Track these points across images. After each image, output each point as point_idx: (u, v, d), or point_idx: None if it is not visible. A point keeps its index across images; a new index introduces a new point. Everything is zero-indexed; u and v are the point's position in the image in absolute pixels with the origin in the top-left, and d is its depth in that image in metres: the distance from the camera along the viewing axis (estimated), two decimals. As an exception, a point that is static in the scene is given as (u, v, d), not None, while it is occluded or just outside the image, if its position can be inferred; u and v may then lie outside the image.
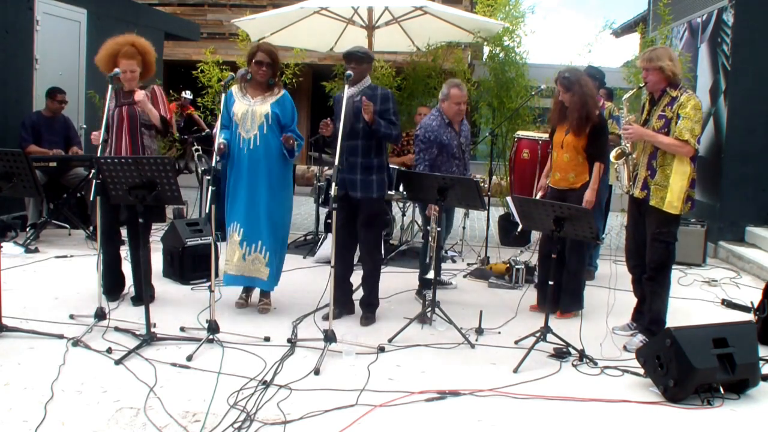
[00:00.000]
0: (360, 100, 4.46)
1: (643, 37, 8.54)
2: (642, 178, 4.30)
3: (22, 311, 4.51)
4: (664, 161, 4.21)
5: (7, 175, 3.98)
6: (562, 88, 4.73)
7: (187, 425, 3.05)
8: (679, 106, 4.13)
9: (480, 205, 4.50)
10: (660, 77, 4.20)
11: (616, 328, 4.63)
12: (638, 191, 4.32)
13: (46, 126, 7.11)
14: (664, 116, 4.20)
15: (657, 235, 4.23)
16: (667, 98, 4.22)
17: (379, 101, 4.54)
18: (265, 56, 4.50)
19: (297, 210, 10.14)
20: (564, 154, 4.81)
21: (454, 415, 3.29)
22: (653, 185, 4.23)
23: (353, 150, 4.55)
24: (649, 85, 4.28)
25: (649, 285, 4.35)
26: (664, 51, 4.26)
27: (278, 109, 4.53)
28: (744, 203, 7.57)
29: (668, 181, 4.18)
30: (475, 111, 8.80)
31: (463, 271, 6.40)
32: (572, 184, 4.82)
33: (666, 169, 4.20)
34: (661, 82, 4.22)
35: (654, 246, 4.26)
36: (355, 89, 4.53)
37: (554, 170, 4.92)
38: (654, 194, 4.22)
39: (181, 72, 10.78)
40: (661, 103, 4.25)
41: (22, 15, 7.60)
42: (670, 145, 4.14)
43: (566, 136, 4.78)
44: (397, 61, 9.05)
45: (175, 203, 4.10)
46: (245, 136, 4.53)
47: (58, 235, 7.08)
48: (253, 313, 4.75)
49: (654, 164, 4.24)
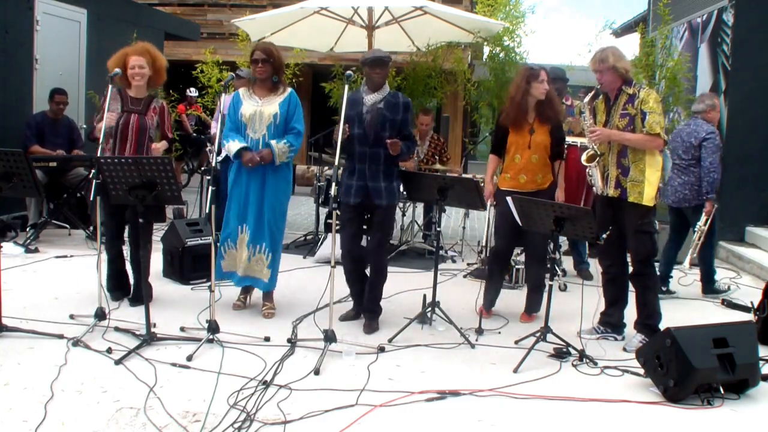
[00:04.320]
0: (384, 107, 4.42)
1: (643, 37, 8.53)
2: (614, 177, 4.33)
3: (22, 311, 4.51)
4: (636, 157, 4.25)
5: (7, 175, 3.97)
6: (549, 79, 4.68)
7: (187, 425, 3.05)
8: (640, 102, 4.19)
9: (480, 205, 4.50)
10: (614, 77, 4.24)
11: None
12: (612, 190, 4.34)
13: (50, 127, 7.12)
14: (627, 114, 4.24)
15: (641, 226, 4.27)
16: (625, 96, 4.27)
17: (401, 110, 4.48)
18: (261, 53, 4.49)
19: (297, 210, 10.15)
20: (533, 155, 4.69)
21: (454, 415, 3.29)
22: (629, 182, 4.26)
23: (376, 158, 4.44)
24: (604, 85, 4.30)
25: (638, 280, 4.37)
26: (612, 51, 4.27)
27: (285, 108, 4.53)
28: (744, 203, 7.58)
29: (643, 175, 4.23)
30: (475, 111, 8.80)
31: (463, 271, 6.41)
32: (540, 185, 4.76)
33: (639, 164, 4.24)
34: (616, 82, 4.26)
35: (639, 238, 4.28)
36: (378, 95, 4.44)
37: (517, 173, 4.73)
38: (631, 190, 4.25)
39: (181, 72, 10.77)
40: (619, 102, 4.28)
41: (22, 15, 7.60)
42: (641, 141, 4.19)
43: (533, 136, 4.68)
44: (397, 61, 9.02)
45: (175, 203, 4.10)
46: (253, 137, 4.51)
47: (58, 235, 7.08)
48: (253, 313, 4.75)
49: (624, 162, 4.28)
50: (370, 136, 4.39)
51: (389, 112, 4.43)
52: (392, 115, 4.43)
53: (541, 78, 4.59)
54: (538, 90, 4.61)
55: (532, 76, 4.60)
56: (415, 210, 7.40)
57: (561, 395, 3.56)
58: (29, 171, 3.98)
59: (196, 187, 8.24)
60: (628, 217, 4.29)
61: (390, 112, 4.43)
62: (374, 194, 4.45)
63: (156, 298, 4.90)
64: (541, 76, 4.60)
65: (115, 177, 3.91)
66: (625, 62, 4.27)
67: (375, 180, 4.46)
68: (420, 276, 6.05)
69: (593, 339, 4.48)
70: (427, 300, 4.66)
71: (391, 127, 4.44)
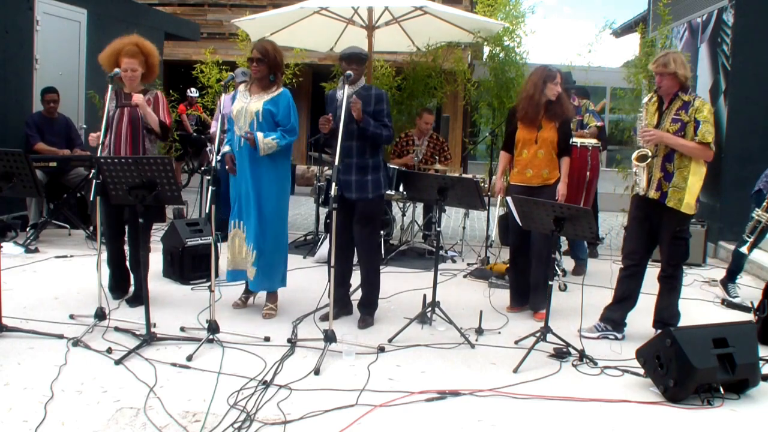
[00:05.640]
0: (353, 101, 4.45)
1: (643, 37, 8.53)
2: (657, 179, 4.35)
3: (22, 311, 4.51)
4: (681, 163, 4.28)
5: (7, 175, 3.98)
6: (562, 81, 4.87)
7: (187, 425, 3.05)
8: (695, 110, 4.22)
9: (480, 205, 4.51)
10: (674, 82, 4.27)
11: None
12: (653, 192, 4.35)
13: (48, 126, 7.13)
14: (679, 120, 4.25)
15: (678, 233, 4.36)
16: (679, 102, 4.28)
17: (374, 101, 4.50)
18: (256, 52, 4.49)
19: (297, 210, 10.15)
20: (539, 151, 4.87)
21: (454, 415, 3.29)
22: (671, 187, 4.29)
23: (348, 151, 4.49)
24: (662, 89, 4.32)
25: (667, 282, 4.48)
26: (677, 56, 4.29)
27: (272, 106, 4.50)
28: (744, 203, 7.52)
29: (686, 182, 4.26)
30: (475, 111, 8.80)
31: (463, 271, 6.41)
32: (546, 180, 4.90)
33: (683, 171, 4.27)
34: (674, 87, 4.29)
35: (676, 244, 4.37)
36: (350, 89, 4.48)
37: (524, 167, 4.93)
38: (671, 196, 4.29)
39: (181, 72, 10.78)
40: (673, 107, 4.30)
41: (22, 15, 7.60)
42: (694, 149, 4.22)
43: (540, 132, 4.85)
44: (397, 61, 9.04)
45: (175, 203, 4.10)
46: (238, 133, 4.55)
47: (58, 235, 7.09)
48: (253, 313, 4.75)
49: (668, 167, 4.30)
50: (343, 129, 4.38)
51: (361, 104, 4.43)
52: (363, 107, 4.42)
53: (556, 80, 4.82)
54: (551, 91, 4.82)
55: (549, 77, 4.82)
56: (415, 210, 7.40)
57: (561, 395, 3.56)
58: (29, 171, 3.98)
59: (196, 187, 8.24)
60: (666, 222, 4.36)
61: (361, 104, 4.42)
62: (345, 188, 4.50)
63: (156, 298, 4.88)
64: (557, 79, 4.82)
65: (115, 177, 3.91)
66: (687, 70, 4.29)
67: (347, 173, 4.51)
68: (420, 276, 6.05)
69: (593, 337, 4.48)
70: (427, 300, 4.66)
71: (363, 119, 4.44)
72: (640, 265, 4.52)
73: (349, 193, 4.52)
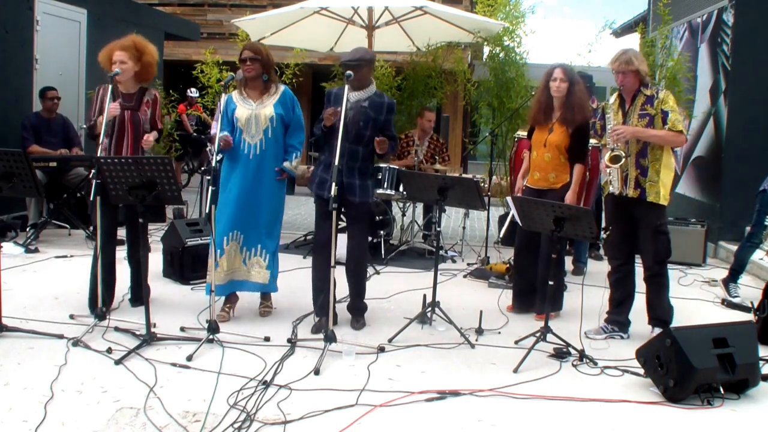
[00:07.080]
0: (369, 106, 4.42)
1: (643, 37, 8.53)
2: (633, 177, 4.38)
3: (22, 311, 4.51)
4: (654, 157, 4.33)
5: (7, 175, 3.97)
6: (565, 77, 4.70)
7: (187, 425, 3.05)
8: (660, 102, 4.28)
9: (480, 205, 4.50)
10: (636, 79, 4.32)
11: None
12: (632, 191, 4.38)
13: (45, 127, 7.12)
14: (646, 114, 4.30)
15: (659, 227, 4.37)
16: (643, 98, 4.34)
17: (386, 111, 4.49)
18: (248, 52, 4.44)
19: (297, 210, 10.16)
20: (546, 154, 4.82)
21: (454, 415, 3.29)
22: (648, 182, 4.34)
23: (354, 155, 4.45)
24: (625, 87, 4.36)
25: (654, 280, 4.46)
26: (634, 54, 4.33)
27: (281, 109, 4.49)
28: (744, 203, 7.54)
29: (659, 176, 4.33)
30: (475, 111, 8.80)
31: (463, 271, 6.41)
32: (552, 184, 4.84)
33: (656, 164, 4.33)
34: (636, 84, 4.34)
35: (658, 239, 4.37)
36: (363, 94, 4.45)
37: (533, 170, 4.93)
38: (650, 191, 4.33)
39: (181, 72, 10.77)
40: (637, 103, 4.35)
41: (22, 15, 7.60)
42: (666, 136, 4.26)
43: (549, 135, 4.80)
44: (397, 61, 9.05)
45: (175, 203, 4.09)
46: (250, 142, 4.44)
47: (58, 235, 7.09)
48: (253, 313, 4.75)
49: (643, 162, 4.35)
50: (351, 132, 4.37)
51: (373, 112, 4.43)
52: (376, 114, 4.43)
53: (554, 76, 4.73)
54: (551, 88, 4.74)
55: (547, 74, 4.78)
56: (415, 210, 7.40)
57: (561, 395, 3.56)
58: (29, 171, 3.97)
59: (196, 187, 8.23)
60: (647, 218, 4.38)
61: (374, 112, 4.43)
62: (348, 190, 4.44)
63: (156, 298, 4.89)
64: (555, 74, 4.73)
65: (115, 177, 3.91)
66: (646, 65, 4.39)
67: (350, 176, 4.45)
68: (420, 276, 6.05)
69: (600, 338, 4.48)
70: (427, 300, 4.66)
71: (374, 127, 4.44)
72: (629, 263, 4.55)
73: (352, 196, 4.45)
